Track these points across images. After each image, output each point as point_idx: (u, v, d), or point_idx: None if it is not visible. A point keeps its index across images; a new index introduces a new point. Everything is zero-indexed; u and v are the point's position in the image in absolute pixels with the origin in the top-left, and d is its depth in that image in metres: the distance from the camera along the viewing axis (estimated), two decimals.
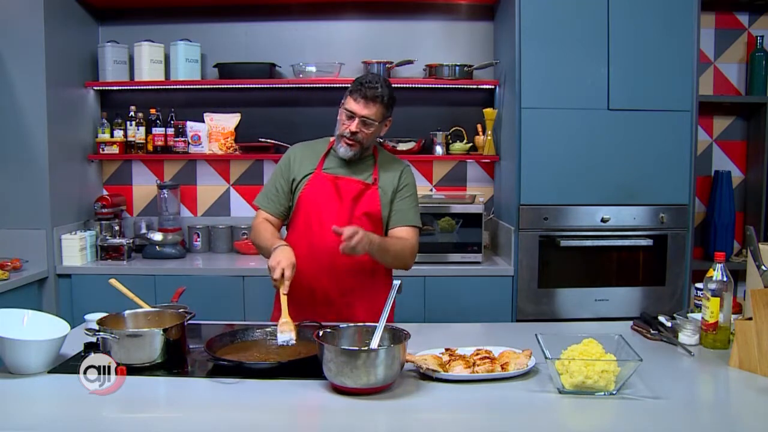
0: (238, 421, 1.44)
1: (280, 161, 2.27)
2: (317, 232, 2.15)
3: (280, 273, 1.90)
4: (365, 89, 2.08)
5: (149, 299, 2.04)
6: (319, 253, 2.13)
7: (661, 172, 3.22)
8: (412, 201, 2.26)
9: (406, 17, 3.73)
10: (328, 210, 2.15)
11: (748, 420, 1.50)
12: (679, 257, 3.25)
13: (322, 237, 2.13)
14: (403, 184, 2.23)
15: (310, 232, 2.16)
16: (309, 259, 2.12)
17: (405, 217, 2.22)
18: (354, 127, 2.10)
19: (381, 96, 2.09)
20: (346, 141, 2.13)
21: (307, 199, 2.18)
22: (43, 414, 1.49)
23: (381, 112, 2.12)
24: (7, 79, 3.14)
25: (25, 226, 3.21)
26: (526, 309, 3.22)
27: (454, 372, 1.63)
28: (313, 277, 2.14)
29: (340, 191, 2.16)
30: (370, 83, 2.09)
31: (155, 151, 3.65)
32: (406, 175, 2.26)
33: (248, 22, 3.74)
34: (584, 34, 3.16)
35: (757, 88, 3.59)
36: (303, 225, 2.19)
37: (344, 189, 2.16)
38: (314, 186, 2.18)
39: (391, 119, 2.21)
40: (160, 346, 1.71)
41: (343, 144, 2.14)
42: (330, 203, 2.16)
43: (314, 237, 2.15)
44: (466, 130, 3.71)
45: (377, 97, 2.08)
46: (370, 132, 2.12)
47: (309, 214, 2.17)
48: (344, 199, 2.15)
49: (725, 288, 1.85)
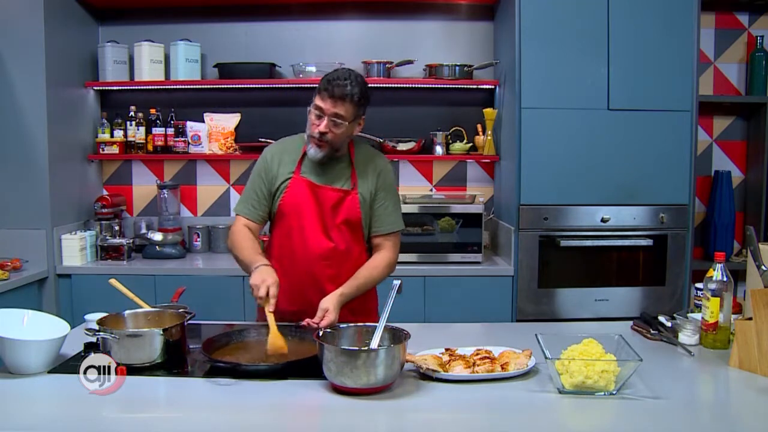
0: (238, 421, 1.44)
1: (257, 164, 2.19)
2: (298, 241, 2.11)
3: (266, 291, 1.86)
4: (333, 87, 1.97)
5: (149, 299, 2.04)
6: (300, 262, 2.11)
7: (661, 172, 3.22)
8: (394, 201, 2.19)
9: (406, 17, 3.73)
10: (309, 218, 2.10)
11: (748, 420, 1.50)
12: (679, 257, 3.25)
13: (303, 246, 2.10)
14: (380, 186, 2.15)
15: (290, 241, 2.12)
16: (291, 267, 2.11)
17: (385, 222, 2.16)
18: (323, 127, 2.00)
19: (350, 94, 1.98)
20: (315, 142, 2.04)
21: (288, 206, 2.12)
22: (43, 414, 1.49)
23: (351, 111, 2.01)
24: (7, 79, 3.14)
25: (25, 226, 3.21)
26: (526, 309, 3.22)
27: (454, 372, 1.63)
28: (296, 284, 2.10)
29: (319, 199, 2.10)
30: (338, 80, 1.98)
31: (155, 151, 3.65)
32: (383, 176, 2.17)
33: (248, 22, 3.74)
34: (584, 34, 3.15)
35: (757, 88, 3.59)
36: (284, 232, 2.14)
37: (323, 197, 2.11)
38: (294, 192, 2.11)
39: (364, 118, 2.11)
40: (160, 346, 1.71)
41: (313, 145, 2.06)
42: (310, 211, 2.10)
43: (295, 246, 2.11)
44: (466, 130, 3.71)
45: (346, 95, 1.97)
46: (340, 132, 2.02)
47: (290, 222, 2.12)
48: (324, 207, 2.11)
49: (725, 288, 1.85)
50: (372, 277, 2.11)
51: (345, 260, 2.12)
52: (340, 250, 2.11)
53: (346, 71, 2.03)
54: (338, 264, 2.11)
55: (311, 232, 2.09)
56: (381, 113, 3.59)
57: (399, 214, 2.21)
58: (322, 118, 2.01)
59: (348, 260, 2.13)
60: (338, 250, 2.11)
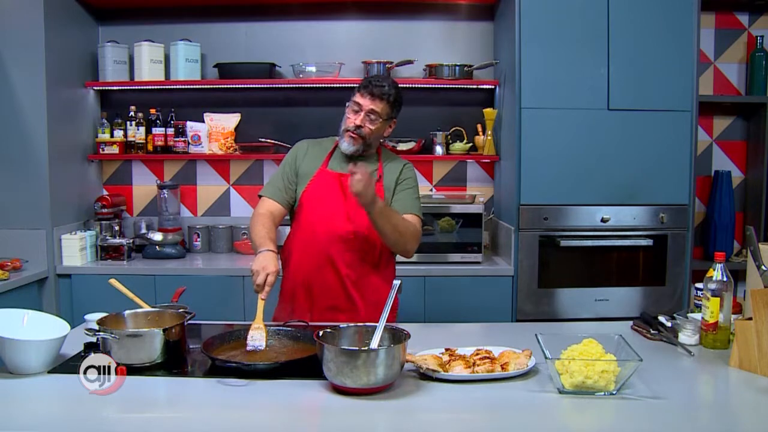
0: (238, 421, 1.44)
1: (287, 155, 2.32)
2: (319, 223, 2.17)
3: (264, 279, 1.88)
4: (373, 86, 2.15)
5: (149, 299, 2.04)
6: (319, 242, 2.16)
7: (661, 172, 3.22)
8: (414, 192, 2.28)
9: (406, 17, 3.73)
10: (331, 206, 2.18)
11: (748, 420, 1.50)
12: (679, 257, 3.25)
13: (324, 227, 2.16)
14: (404, 177, 2.27)
15: (312, 228, 2.17)
16: (310, 255, 2.16)
17: (405, 205, 2.22)
18: (359, 120, 2.15)
19: (387, 94, 2.16)
20: (350, 135, 2.18)
21: (311, 196, 2.20)
22: (43, 414, 1.49)
23: (386, 110, 2.18)
24: (7, 79, 3.14)
25: (25, 226, 3.21)
26: (526, 309, 3.22)
27: (454, 372, 1.63)
28: (315, 271, 2.16)
29: (344, 187, 2.16)
30: (378, 81, 2.17)
31: (155, 151, 3.65)
32: (407, 171, 2.30)
33: (248, 22, 3.74)
34: (584, 34, 3.15)
35: (757, 88, 3.59)
36: (305, 221, 2.20)
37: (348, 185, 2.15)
38: (318, 183, 2.21)
39: (396, 121, 2.27)
40: (160, 346, 1.71)
41: (347, 138, 2.19)
42: (333, 199, 2.18)
43: (316, 227, 2.17)
44: (466, 130, 3.71)
45: (384, 94, 2.15)
46: (374, 128, 2.17)
47: (312, 210, 2.19)
48: (348, 195, 2.13)
49: (725, 288, 1.85)
50: (401, 221, 2.13)
51: (364, 246, 2.16)
52: (361, 234, 2.15)
53: (385, 76, 2.25)
54: (357, 249, 2.16)
55: (333, 215, 2.17)
56: None
57: (420, 205, 2.28)
58: (359, 112, 2.17)
59: (368, 246, 2.17)
60: (359, 234, 2.15)
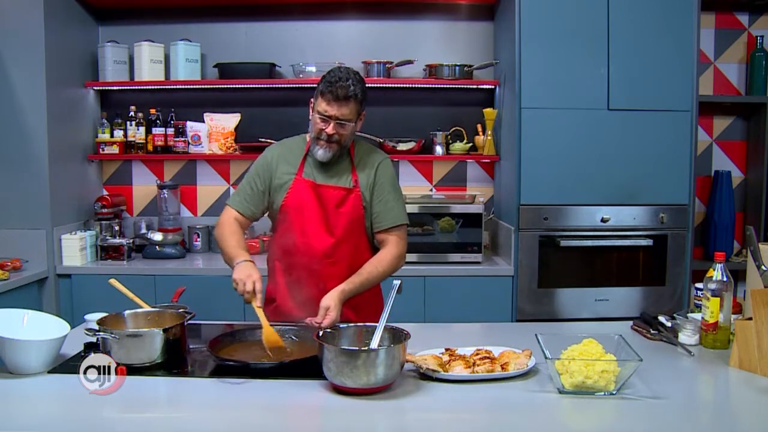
0: (238, 420, 1.44)
1: (257, 162, 2.20)
2: (300, 238, 2.12)
3: (252, 286, 1.87)
4: (337, 89, 1.98)
5: (149, 299, 2.04)
6: (301, 259, 2.12)
7: (661, 172, 3.22)
8: (394, 194, 2.17)
9: (406, 17, 3.73)
10: (312, 217, 2.11)
11: (748, 420, 1.50)
12: (679, 257, 3.25)
13: (305, 243, 2.11)
14: (378, 181, 2.14)
15: (292, 239, 2.13)
16: (292, 268, 2.13)
17: (385, 217, 2.14)
18: (330, 129, 2.02)
19: (354, 94, 2.00)
20: (324, 144, 2.05)
21: (291, 207, 2.13)
22: (43, 414, 1.49)
23: (355, 109, 2.03)
24: (7, 79, 3.14)
25: (25, 226, 3.21)
26: (526, 309, 3.22)
27: (454, 372, 1.63)
28: (298, 284, 2.12)
29: (321, 199, 2.11)
30: (340, 82, 1.98)
31: (155, 151, 3.65)
32: (381, 170, 2.16)
33: (248, 22, 3.74)
34: (584, 34, 3.15)
35: (757, 88, 3.59)
36: (286, 231, 2.15)
37: (326, 196, 2.11)
38: (296, 192, 2.13)
39: (365, 112, 2.12)
40: (160, 346, 1.71)
41: (320, 146, 2.06)
42: (312, 212, 2.11)
43: (297, 243, 2.12)
44: (466, 130, 3.71)
45: (350, 96, 1.99)
46: (347, 132, 2.06)
47: (292, 221, 2.13)
48: (327, 206, 2.11)
49: (725, 288, 1.85)
50: (376, 272, 2.09)
51: (348, 258, 2.12)
52: (342, 247, 2.11)
53: (344, 70, 2.03)
54: (340, 261, 2.11)
55: (314, 230, 2.10)
56: (381, 113, 3.60)
57: (401, 208, 2.18)
58: (328, 121, 2.02)
59: (351, 258, 2.13)
60: (341, 247, 2.11)
